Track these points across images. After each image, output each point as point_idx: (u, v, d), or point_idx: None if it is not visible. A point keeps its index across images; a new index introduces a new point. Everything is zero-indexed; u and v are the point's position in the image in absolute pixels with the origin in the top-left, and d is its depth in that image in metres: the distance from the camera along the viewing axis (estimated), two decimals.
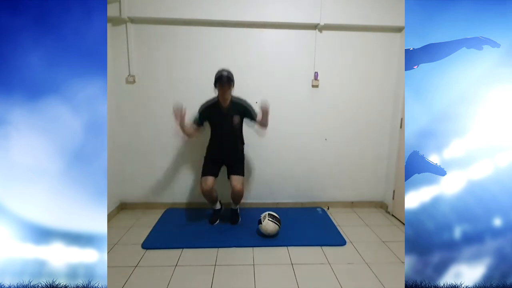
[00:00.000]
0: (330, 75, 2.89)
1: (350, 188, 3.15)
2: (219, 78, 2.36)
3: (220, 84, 2.37)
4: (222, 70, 2.39)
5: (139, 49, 2.77)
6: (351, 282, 1.87)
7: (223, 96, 2.43)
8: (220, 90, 2.41)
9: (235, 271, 1.98)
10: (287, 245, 2.30)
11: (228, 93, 2.42)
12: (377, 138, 3.06)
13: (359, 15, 2.73)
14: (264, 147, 2.97)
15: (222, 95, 2.43)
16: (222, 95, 2.43)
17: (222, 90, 2.40)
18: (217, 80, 2.38)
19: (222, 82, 2.35)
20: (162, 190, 3.03)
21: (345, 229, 2.62)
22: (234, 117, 2.50)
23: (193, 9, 2.64)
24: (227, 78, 2.35)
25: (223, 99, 2.45)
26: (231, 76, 2.40)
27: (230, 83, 2.38)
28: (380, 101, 2.98)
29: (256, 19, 2.70)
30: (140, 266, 2.02)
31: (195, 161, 2.98)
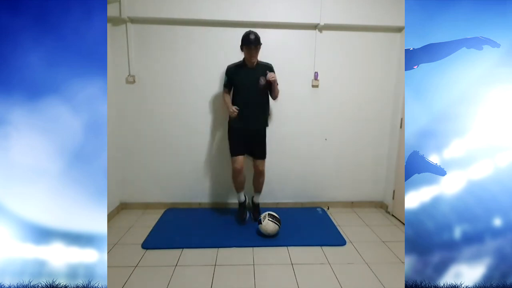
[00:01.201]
0: (330, 75, 2.89)
1: (350, 188, 3.14)
2: (246, 40, 2.35)
3: (246, 46, 2.35)
4: (250, 32, 2.37)
5: (139, 49, 2.77)
6: (351, 282, 1.87)
7: (250, 59, 2.41)
8: (247, 53, 2.39)
9: (235, 271, 1.97)
10: (287, 245, 2.30)
11: (255, 56, 2.40)
12: (377, 138, 3.06)
13: (359, 15, 2.73)
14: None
15: (248, 57, 2.41)
16: (249, 58, 2.40)
17: (248, 52, 2.38)
18: (244, 41, 2.36)
19: (249, 44, 2.33)
20: (162, 190, 3.03)
21: (345, 229, 2.62)
22: (261, 78, 2.46)
23: (193, 9, 2.64)
24: (254, 40, 2.34)
25: (249, 61, 2.43)
26: (258, 37, 2.38)
27: (257, 45, 2.37)
28: (380, 101, 2.98)
29: (256, 19, 2.70)
30: (140, 266, 2.02)
31: (195, 161, 2.98)
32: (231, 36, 2.78)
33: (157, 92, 2.84)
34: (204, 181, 3.03)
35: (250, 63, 2.44)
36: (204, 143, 2.96)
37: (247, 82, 2.47)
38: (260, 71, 2.47)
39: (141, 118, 2.88)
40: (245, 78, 2.47)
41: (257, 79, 2.46)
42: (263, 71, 2.47)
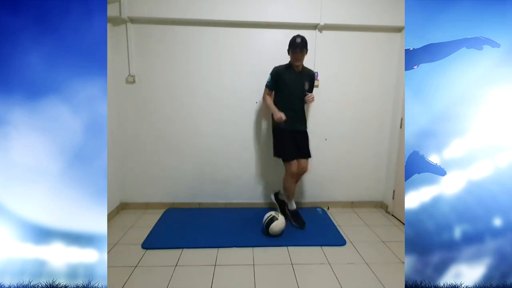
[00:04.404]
0: (330, 75, 2.89)
1: (350, 188, 3.14)
2: (293, 44, 2.38)
3: (293, 49, 2.39)
4: (297, 36, 2.39)
5: (139, 49, 2.77)
6: (351, 282, 1.87)
7: (295, 63, 2.45)
8: (293, 56, 2.43)
9: (235, 271, 1.97)
10: (287, 245, 2.30)
11: (300, 60, 2.44)
12: (377, 138, 3.06)
13: (359, 15, 2.73)
14: (263, 147, 2.97)
15: (294, 61, 2.45)
16: (295, 61, 2.44)
17: (294, 56, 2.42)
18: (291, 45, 2.40)
19: (295, 48, 2.37)
20: (162, 190, 3.03)
21: (345, 229, 2.62)
22: (306, 83, 2.51)
23: (193, 9, 2.64)
24: (300, 44, 2.37)
25: (295, 65, 2.47)
26: (305, 41, 2.40)
27: (303, 49, 2.40)
28: (380, 101, 2.98)
29: (256, 19, 2.70)
30: (140, 266, 2.02)
31: (195, 161, 2.98)
32: (231, 36, 2.78)
33: (157, 92, 2.84)
34: (204, 181, 3.03)
35: (295, 66, 2.48)
36: (204, 143, 2.96)
37: (294, 85, 2.50)
38: (305, 76, 2.53)
39: (141, 118, 2.88)
40: (291, 81, 2.50)
41: (303, 83, 2.51)
42: (307, 76, 2.55)
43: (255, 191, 3.07)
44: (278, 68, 2.54)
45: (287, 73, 2.50)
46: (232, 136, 2.96)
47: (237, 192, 3.08)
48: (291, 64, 2.50)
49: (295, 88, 2.50)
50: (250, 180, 3.04)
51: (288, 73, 2.50)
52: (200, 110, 2.90)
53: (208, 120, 2.92)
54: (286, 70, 2.52)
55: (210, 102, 2.89)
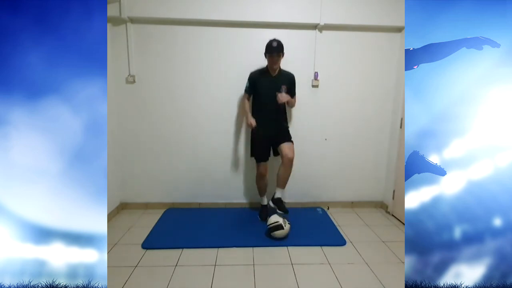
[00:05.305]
0: (330, 75, 2.89)
1: (350, 188, 3.14)
2: (269, 48, 2.41)
3: (269, 53, 2.42)
4: (273, 40, 2.42)
5: (139, 49, 2.76)
6: (351, 282, 1.87)
7: (272, 66, 2.47)
8: (270, 60, 2.45)
9: (235, 271, 1.98)
10: (287, 245, 2.30)
11: (277, 63, 2.47)
12: (377, 138, 3.06)
13: (359, 15, 2.73)
14: None
15: (271, 64, 2.47)
16: (271, 65, 2.47)
17: (271, 60, 2.44)
18: (267, 49, 2.43)
19: (271, 52, 2.40)
20: (162, 190, 3.03)
21: (345, 229, 2.62)
22: (283, 86, 2.51)
23: (193, 9, 2.64)
24: (276, 48, 2.39)
25: (272, 68, 2.49)
26: (281, 45, 2.42)
27: (279, 52, 2.42)
28: (380, 101, 2.98)
29: (256, 19, 2.70)
30: (140, 266, 2.02)
31: (195, 161, 2.98)
32: (231, 36, 2.78)
33: (157, 92, 2.84)
34: (204, 181, 3.03)
35: (272, 70, 2.50)
36: (204, 143, 2.96)
37: (269, 89, 2.50)
38: (282, 80, 2.53)
39: (141, 118, 2.88)
40: (267, 86, 2.52)
41: (278, 87, 2.50)
42: (285, 79, 2.54)
43: (255, 191, 3.06)
44: (254, 73, 2.58)
45: (262, 78, 2.54)
46: (232, 136, 2.96)
47: (237, 192, 3.08)
48: (268, 68, 2.52)
49: (271, 93, 2.49)
50: (250, 180, 3.04)
51: (263, 78, 2.54)
52: (200, 110, 2.90)
53: (208, 120, 2.92)
54: (262, 75, 2.55)
55: (210, 102, 2.89)
